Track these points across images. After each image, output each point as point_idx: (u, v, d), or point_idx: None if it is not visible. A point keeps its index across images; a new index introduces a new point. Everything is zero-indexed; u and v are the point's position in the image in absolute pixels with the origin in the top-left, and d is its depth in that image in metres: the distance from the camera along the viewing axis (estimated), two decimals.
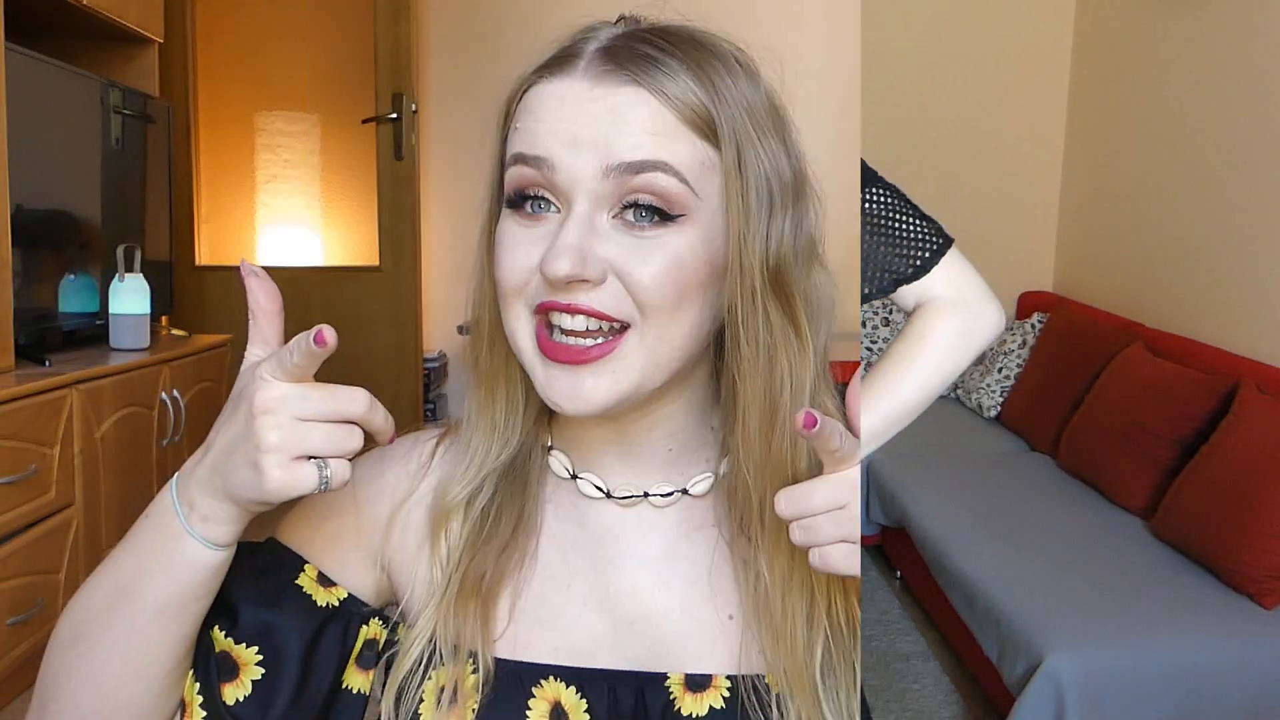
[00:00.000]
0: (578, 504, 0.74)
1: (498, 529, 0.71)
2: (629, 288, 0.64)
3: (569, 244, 0.63)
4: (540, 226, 0.65)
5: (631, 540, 0.72)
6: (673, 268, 0.64)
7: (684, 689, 0.70)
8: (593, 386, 0.64)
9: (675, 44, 0.65)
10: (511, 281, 0.66)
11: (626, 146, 0.63)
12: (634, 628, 0.71)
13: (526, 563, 0.72)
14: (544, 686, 0.69)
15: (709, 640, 0.70)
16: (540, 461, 0.75)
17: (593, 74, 0.65)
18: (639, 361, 0.65)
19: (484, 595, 0.70)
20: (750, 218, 0.65)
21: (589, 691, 0.69)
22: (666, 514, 0.73)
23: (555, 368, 0.65)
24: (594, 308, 0.64)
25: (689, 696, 0.69)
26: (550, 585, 0.72)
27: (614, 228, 0.64)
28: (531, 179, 0.65)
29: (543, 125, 0.65)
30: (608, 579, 0.72)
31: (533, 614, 0.71)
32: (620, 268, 0.64)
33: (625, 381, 0.65)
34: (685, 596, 0.71)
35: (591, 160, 0.63)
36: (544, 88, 0.66)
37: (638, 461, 0.72)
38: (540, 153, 0.64)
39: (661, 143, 0.63)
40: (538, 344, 0.66)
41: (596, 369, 0.64)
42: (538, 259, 0.64)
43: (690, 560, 0.72)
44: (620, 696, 0.69)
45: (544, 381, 0.66)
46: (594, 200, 0.64)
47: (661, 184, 0.63)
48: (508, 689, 0.69)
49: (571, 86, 0.65)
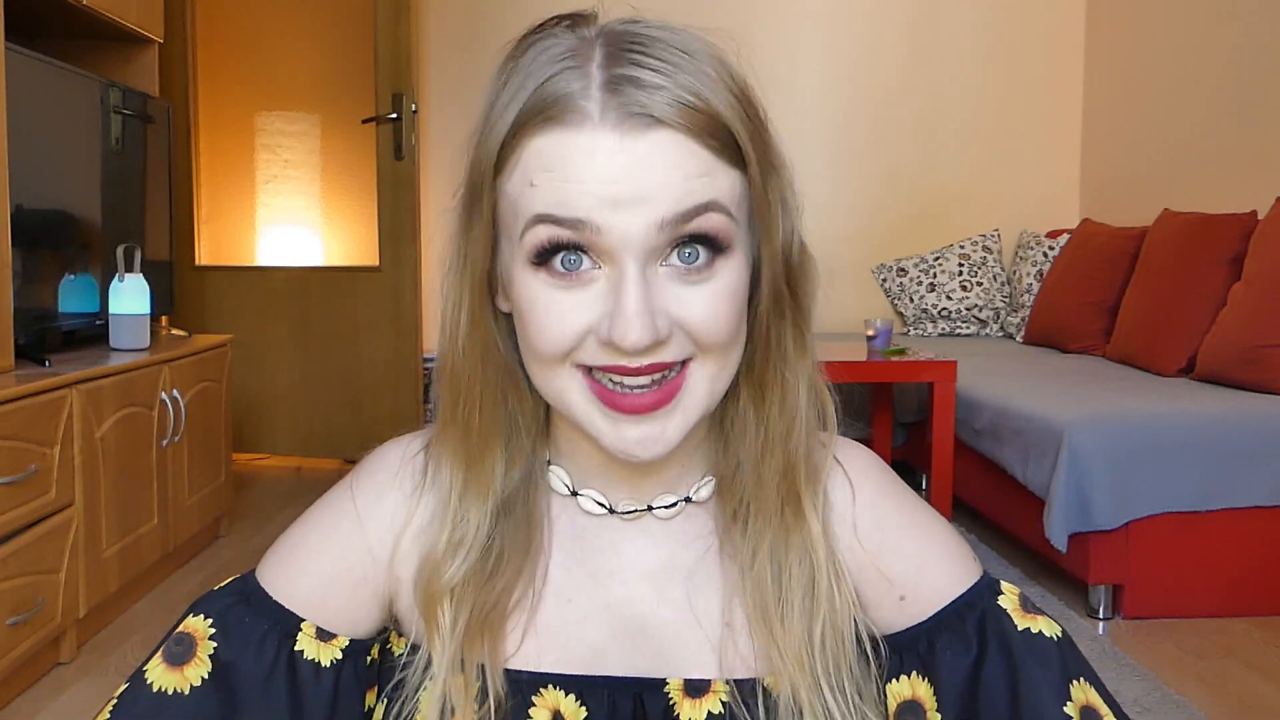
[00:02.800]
0: (576, 519, 0.72)
1: (501, 565, 0.69)
2: (694, 335, 0.62)
3: (638, 310, 0.59)
4: (582, 289, 0.61)
5: (632, 553, 0.72)
6: (730, 302, 0.62)
7: (683, 694, 0.69)
8: (663, 429, 0.63)
9: (671, 62, 0.61)
10: (560, 348, 0.62)
11: (675, 198, 0.60)
12: (634, 640, 0.70)
13: (531, 585, 0.71)
14: (544, 695, 0.69)
15: (709, 648, 0.70)
16: (541, 477, 0.72)
17: (611, 121, 0.60)
18: (703, 392, 0.64)
19: (492, 630, 0.69)
20: (773, 232, 0.65)
21: (588, 699, 0.69)
22: (669, 524, 0.72)
23: (624, 421, 0.62)
24: (662, 362, 0.61)
25: (688, 702, 0.69)
26: (550, 601, 0.71)
27: (667, 277, 0.61)
28: (566, 239, 0.60)
29: (573, 186, 0.60)
30: (608, 592, 0.71)
31: (532, 629, 0.70)
32: (683, 317, 0.61)
33: (692, 414, 0.64)
34: (685, 606, 0.71)
35: (639, 218, 0.59)
36: (559, 140, 0.61)
37: (643, 476, 0.71)
38: (580, 215, 0.60)
39: (707, 184, 0.61)
40: (596, 398, 0.63)
41: (667, 413, 0.63)
42: (585, 324, 0.61)
43: (690, 569, 0.71)
44: (619, 703, 0.69)
45: (611, 434, 0.63)
46: (645, 255, 0.60)
47: (713, 223, 0.61)
48: (508, 701, 0.68)
49: (594, 139, 0.60)
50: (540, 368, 0.64)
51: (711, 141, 0.61)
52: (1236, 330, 2.75)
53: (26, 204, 2.32)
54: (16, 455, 1.98)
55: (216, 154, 4.33)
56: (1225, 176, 3.40)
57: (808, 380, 0.69)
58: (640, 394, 0.62)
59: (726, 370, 0.64)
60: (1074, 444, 2.39)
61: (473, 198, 0.66)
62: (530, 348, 0.64)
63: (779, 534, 0.69)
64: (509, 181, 0.63)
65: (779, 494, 0.68)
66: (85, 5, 2.58)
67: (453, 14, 4.35)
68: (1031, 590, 2.60)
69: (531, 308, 0.62)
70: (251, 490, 3.69)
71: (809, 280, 0.69)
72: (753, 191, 0.64)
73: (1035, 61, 4.41)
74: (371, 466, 0.74)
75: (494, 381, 0.68)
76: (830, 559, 0.69)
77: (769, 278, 0.66)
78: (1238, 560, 2.45)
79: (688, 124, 0.60)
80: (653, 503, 0.71)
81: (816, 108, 4.36)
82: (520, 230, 0.62)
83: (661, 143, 0.60)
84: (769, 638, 0.68)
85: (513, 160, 0.63)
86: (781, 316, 0.67)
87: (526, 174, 0.62)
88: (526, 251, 0.62)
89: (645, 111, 0.60)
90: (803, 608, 0.68)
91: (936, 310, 4.27)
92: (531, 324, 0.63)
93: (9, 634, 1.92)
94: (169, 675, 0.67)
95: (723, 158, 0.62)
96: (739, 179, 0.63)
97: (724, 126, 0.61)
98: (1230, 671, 2.18)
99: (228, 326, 3.80)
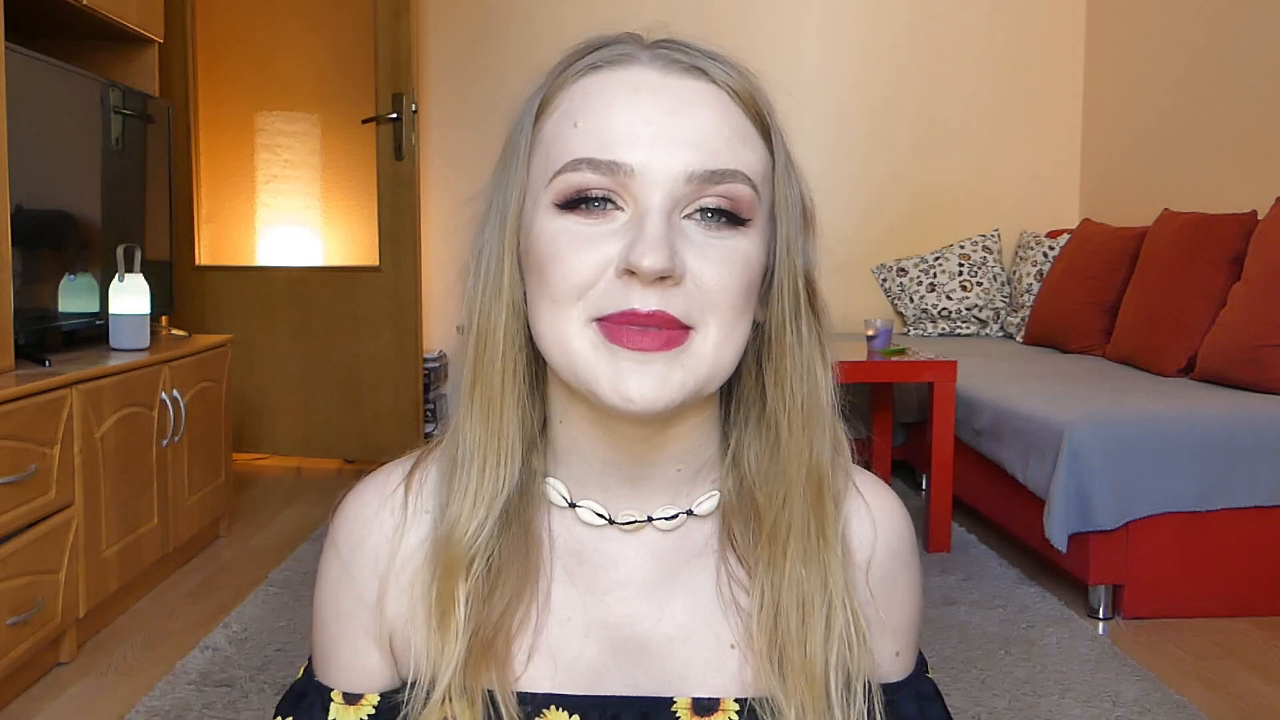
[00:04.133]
0: (575, 531, 0.70)
1: (500, 584, 0.67)
2: (703, 287, 0.61)
3: (659, 236, 0.59)
4: (606, 224, 0.61)
5: (633, 567, 0.69)
6: (744, 268, 0.62)
7: (691, 713, 0.68)
8: (664, 378, 0.61)
9: (714, 50, 0.64)
10: (578, 281, 0.61)
11: (710, 151, 0.61)
12: (635, 657, 0.69)
13: (533, 604, 0.69)
14: (545, 717, 0.67)
15: (714, 667, 0.68)
16: (537, 491, 0.70)
17: (658, 65, 0.62)
18: (708, 358, 0.62)
19: (498, 655, 0.67)
20: (793, 224, 0.66)
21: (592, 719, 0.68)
22: (669, 538, 0.70)
23: (626, 359, 0.60)
24: (669, 312, 0.60)
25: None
26: (550, 619, 0.69)
27: (688, 229, 0.62)
28: (598, 184, 0.61)
29: (613, 122, 0.61)
30: (608, 608, 0.69)
31: (533, 648, 0.69)
32: (697, 267, 0.61)
33: (695, 377, 0.62)
34: (687, 623, 0.69)
35: (673, 162, 0.60)
36: (604, 79, 0.63)
37: (644, 485, 0.69)
38: (616, 157, 0.60)
39: (738, 148, 0.62)
40: (603, 338, 0.61)
41: (670, 360, 0.61)
42: (605, 256, 0.61)
43: (692, 585, 0.70)
44: None
45: (611, 375, 0.61)
46: (672, 200, 0.61)
47: (738, 193, 0.62)
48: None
49: (639, 75, 0.62)
50: (553, 311, 0.62)
51: (749, 109, 0.63)
52: (1236, 330, 2.75)
53: (26, 204, 2.32)
54: (16, 455, 1.98)
55: (216, 154, 4.33)
56: (1225, 176, 3.40)
57: (833, 400, 0.68)
58: (647, 333, 0.60)
59: (731, 343, 0.63)
60: (1074, 444, 2.39)
61: (510, 151, 0.66)
62: (545, 284, 0.62)
63: (797, 552, 0.67)
64: (549, 124, 0.64)
65: (800, 512, 0.67)
66: (85, 5, 2.58)
67: (453, 14, 4.35)
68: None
69: (553, 242, 0.62)
70: (251, 490, 3.69)
71: (823, 308, 0.69)
72: (775, 180, 0.65)
73: (1035, 61, 4.41)
74: (348, 513, 0.73)
75: (523, 353, 0.67)
76: (846, 584, 0.68)
77: (790, 276, 0.66)
78: (1238, 560, 2.45)
79: (730, 85, 0.63)
80: (654, 514, 0.69)
81: (817, 107, 4.36)
82: (552, 174, 0.62)
83: (704, 92, 0.62)
84: (780, 656, 0.66)
85: (555, 103, 0.64)
86: (798, 317, 0.66)
87: (569, 115, 0.63)
88: (554, 194, 0.62)
89: (691, 63, 0.63)
90: (816, 626, 0.66)
91: (936, 310, 4.27)
92: (551, 258, 0.62)
93: (9, 634, 1.92)
94: None
95: (756, 128, 0.64)
96: (766, 158, 0.64)
97: (759, 103, 0.64)
98: (1230, 672, 2.18)
99: (228, 326, 3.80)
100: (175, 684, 2.07)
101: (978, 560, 2.86)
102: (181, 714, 1.94)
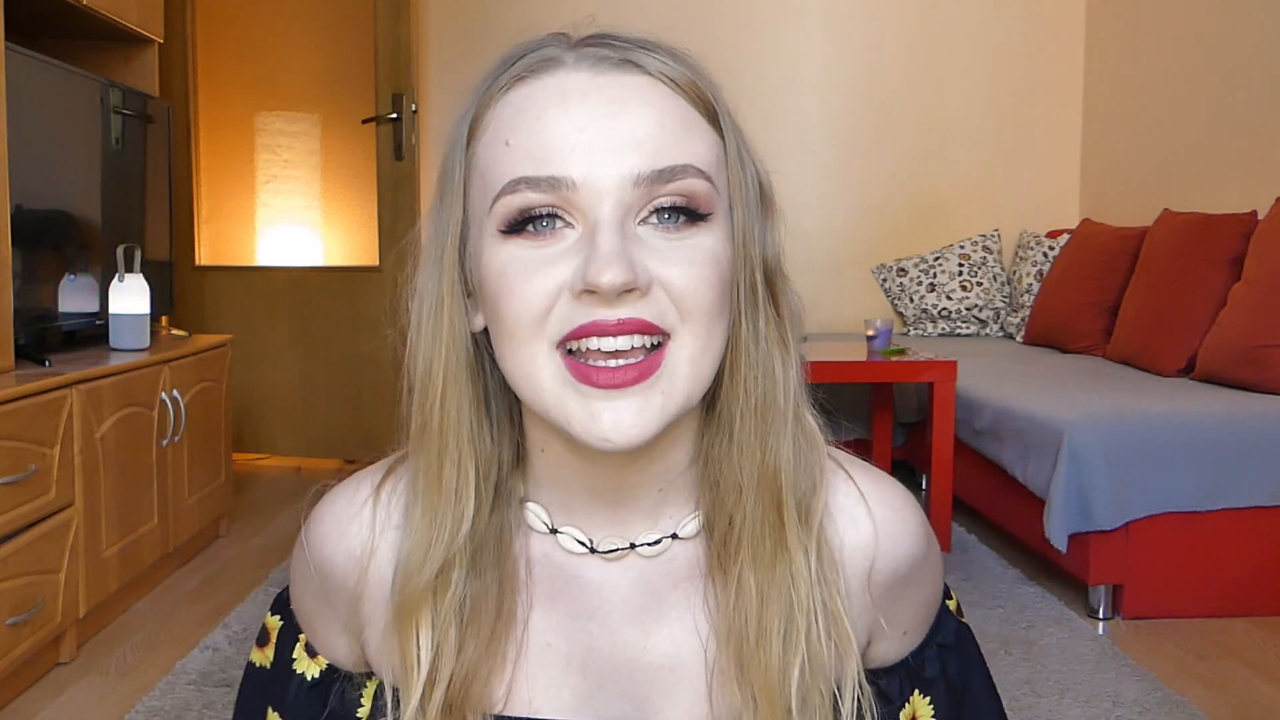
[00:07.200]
0: (555, 558, 0.67)
1: (475, 623, 0.63)
2: (673, 294, 0.57)
3: (614, 249, 0.55)
4: (554, 245, 0.57)
5: (615, 595, 0.66)
6: (713, 268, 0.58)
7: None
8: (641, 410, 0.57)
9: (646, 39, 0.60)
10: (533, 311, 0.57)
11: (653, 150, 0.57)
12: (620, 685, 0.66)
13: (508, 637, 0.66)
14: None
15: (701, 695, 0.65)
16: (515, 517, 0.67)
17: (585, 65, 0.58)
18: (686, 374, 0.58)
19: (475, 688, 0.64)
20: (750, 213, 0.62)
21: None
22: (654, 563, 0.66)
23: (598, 399, 0.57)
24: (644, 319, 0.56)
25: None
26: (530, 646, 0.66)
27: (646, 235, 0.58)
28: (541, 202, 0.57)
29: (546, 134, 0.57)
30: (591, 637, 0.66)
31: (513, 677, 0.66)
32: (662, 272, 0.57)
33: (675, 399, 0.58)
34: (673, 650, 0.66)
35: (617, 168, 0.56)
36: (530, 90, 0.59)
37: (625, 509, 0.65)
38: (554, 171, 0.56)
39: (684, 140, 0.58)
40: (570, 374, 0.57)
41: (645, 390, 0.57)
42: (558, 280, 0.57)
43: (676, 611, 0.66)
44: None
45: (584, 417, 0.57)
46: (623, 208, 0.57)
47: (693, 187, 0.58)
48: None
49: (566, 80, 0.58)
50: (513, 347, 0.59)
51: (691, 96, 0.59)
52: (1236, 330, 2.75)
53: (26, 204, 2.32)
54: (16, 455, 1.98)
55: (216, 154, 4.33)
56: (1225, 176, 3.40)
57: (793, 398, 0.63)
58: (617, 369, 0.57)
59: (709, 351, 0.59)
60: (1074, 444, 2.39)
61: (444, 181, 0.63)
62: (502, 321, 0.59)
63: (748, 564, 0.63)
64: (481, 147, 0.61)
65: (764, 523, 0.62)
66: (85, 5, 2.58)
67: (453, 14, 4.35)
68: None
69: (501, 273, 0.58)
70: (251, 490, 3.69)
71: (788, 295, 0.64)
72: (728, 165, 0.61)
73: (1035, 62, 4.41)
74: (322, 528, 0.71)
75: (468, 395, 0.63)
76: (822, 595, 0.63)
77: (746, 268, 0.61)
78: (1238, 560, 2.45)
79: (666, 74, 0.59)
80: (636, 539, 0.66)
81: (817, 107, 4.36)
82: (492, 200, 0.58)
83: (640, 86, 0.58)
84: (741, 675, 0.63)
85: (484, 122, 0.61)
86: (755, 311, 0.62)
87: (500, 134, 0.59)
88: (497, 220, 0.58)
89: (621, 57, 0.58)
90: (773, 642, 0.62)
91: (936, 310, 4.26)
92: (502, 290, 0.58)
93: (9, 634, 1.92)
94: (257, 653, 0.77)
95: (702, 114, 0.60)
96: (717, 145, 0.60)
97: (701, 88, 0.60)
98: (1230, 672, 2.18)
99: (228, 326, 3.80)
100: (175, 684, 2.07)
101: (978, 560, 2.86)
102: (181, 714, 1.94)
